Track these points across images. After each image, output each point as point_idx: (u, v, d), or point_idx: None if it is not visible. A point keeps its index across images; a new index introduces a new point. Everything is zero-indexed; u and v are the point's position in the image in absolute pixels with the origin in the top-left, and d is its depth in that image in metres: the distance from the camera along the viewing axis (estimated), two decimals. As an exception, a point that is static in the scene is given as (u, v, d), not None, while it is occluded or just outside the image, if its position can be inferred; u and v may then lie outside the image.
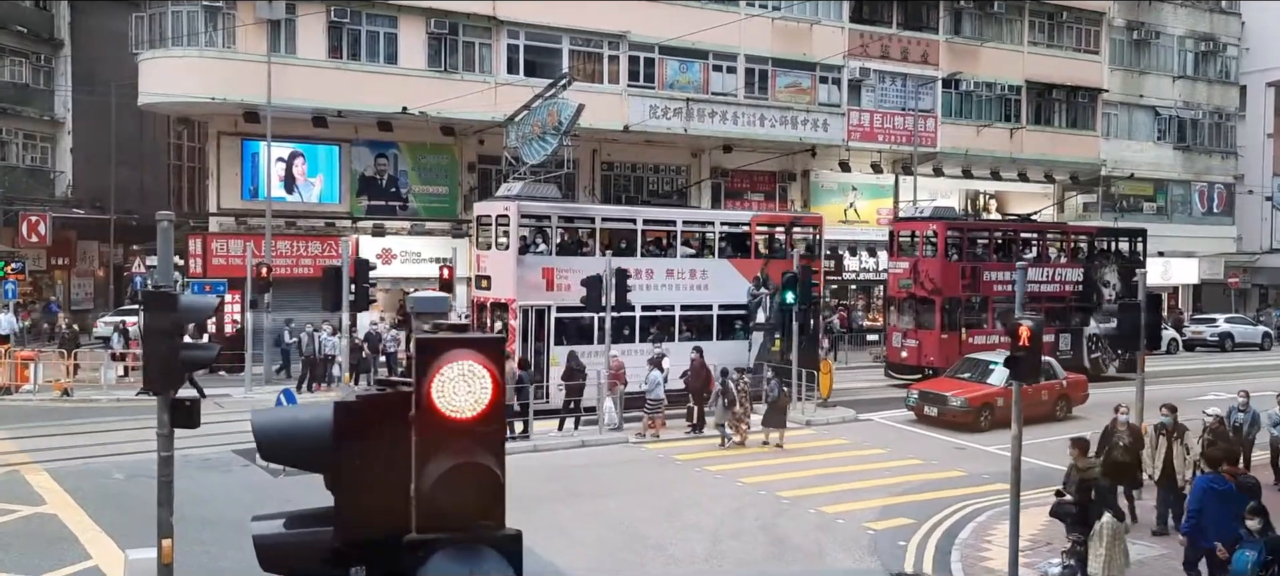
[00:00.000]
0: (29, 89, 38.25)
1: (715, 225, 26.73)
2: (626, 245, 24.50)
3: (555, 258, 23.32)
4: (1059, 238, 32.47)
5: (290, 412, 3.87)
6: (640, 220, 25.13)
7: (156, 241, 8.56)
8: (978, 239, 31.13)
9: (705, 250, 26.13)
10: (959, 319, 28.88)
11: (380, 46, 30.58)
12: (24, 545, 13.15)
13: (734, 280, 25.78)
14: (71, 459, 18.16)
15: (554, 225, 23.64)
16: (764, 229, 27.44)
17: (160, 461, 8.66)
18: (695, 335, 24.64)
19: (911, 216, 31.51)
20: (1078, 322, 31.17)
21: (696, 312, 25.12)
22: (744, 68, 35.03)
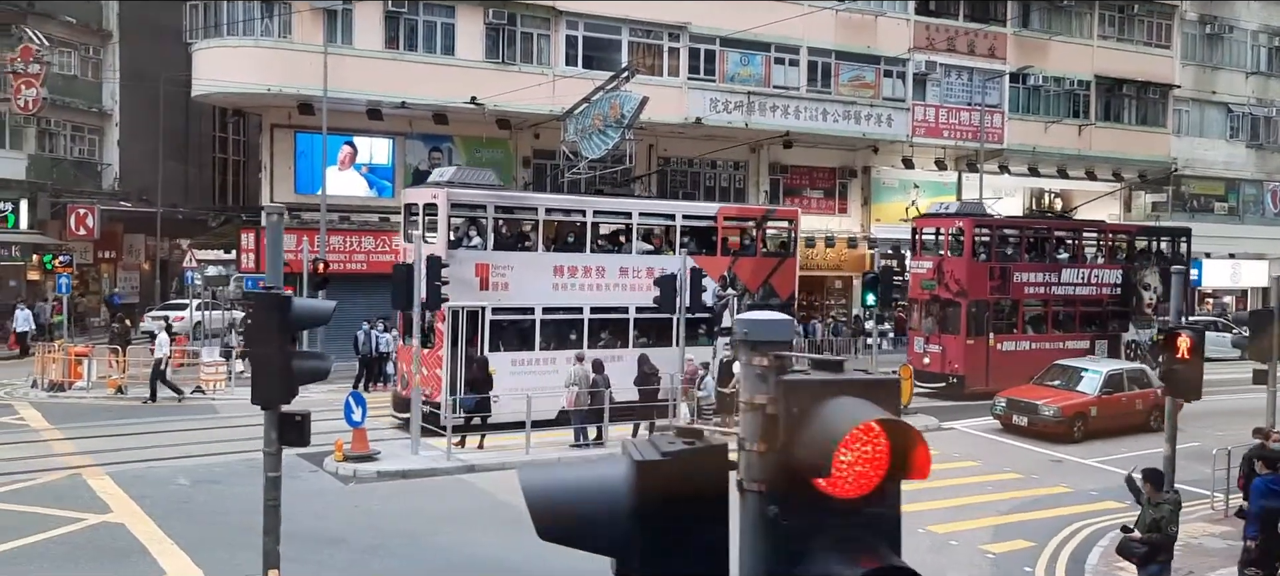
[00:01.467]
0: (77, 80, 37.80)
1: (677, 218, 23.55)
2: (575, 239, 21.92)
3: (491, 252, 20.54)
4: (1096, 237, 30.47)
5: (570, 475, 2.91)
6: (591, 211, 22.28)
7: (262, 236, 7.70)
8: (1008, 237, 28.85)
9: (666, 246, 23.40)
10: (986, 323, 26.89)
11: (437, 37, 29.78)
12: (94, 557, 12.40)
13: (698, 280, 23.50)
14: (132, 462, 17.44)
15: (490, 215, 20.76)
16: (733, 223, 24.74)
17: (267, 482, 7.82)
18: (652, 340, 22.06)
19: (936, 213, 29.33)
20: (1115, 328, 29.23)
21: (654, 316, 21.84)
22: (807, 61, 33.97)
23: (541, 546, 10.07)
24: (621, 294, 21.89)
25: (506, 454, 18.24)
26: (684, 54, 32.15)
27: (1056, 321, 28.08)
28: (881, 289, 22.09)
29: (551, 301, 20.96)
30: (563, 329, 21.30)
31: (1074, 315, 28.33)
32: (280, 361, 7.07)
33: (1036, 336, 27.54)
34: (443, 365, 19.58)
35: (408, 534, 13.73)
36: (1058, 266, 28.23)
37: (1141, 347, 29.11)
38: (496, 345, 20.40)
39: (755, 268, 23.61)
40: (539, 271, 20.58)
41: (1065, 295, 28.22)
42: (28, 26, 32.71)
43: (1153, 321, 29.32)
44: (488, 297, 20.19)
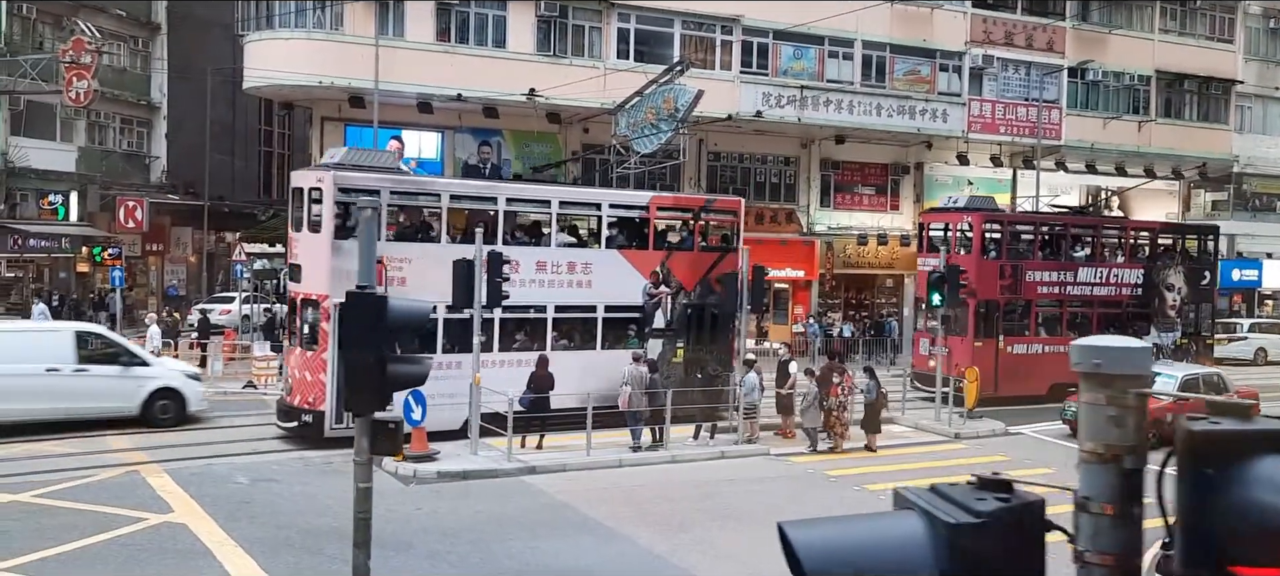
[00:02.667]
0: (126, 73, 37.88)
1: (603, 207, 21.22)
2: (486, 229, 19.14)
3: (387, 243, 18.33)
4: (1116, 234, 28.95)
5: (854, 534, 2.44)
6: (503, 199, 19.96)
7: (360, 235, 7.27)
8: (1021, 234, 27.44)
9: (591, 239, 21.50)
10: (996, 324, 25.47)
11: (489, 30, 29.43)
12: (158, 560, 12.11)
13: (627, 276, 20.86)
14: (189, 459, 17.20)
15: (385, 203, 18.64)
16: (667, 214, 22.64)
17: (358, 494, 7.40)
18: (575, 342, 20.56)
19: (944, 208, 27.92)
20: (1136, 330, 27.02)
21: (576, 315, 20.47)
22: (861, 54, 33.30)
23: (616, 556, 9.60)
24: (539, 291, 19.90)
25: (566, 454, 17.85)
26: (736, 47, 31.60)
27: (1072, 323, 26.52)
28: (948, 289, 21.40)
29: None
30: (470, 330, 18.46)
31: (1091, 317, 26.85)
32: (375, 366, 6.65)
33: (1050, 339, 25.99)
34: (326, 369, 17.56)
35: (475, 540, 13.35)
36: (1074, 265, 26.94)
37: (1165, 351, 27.46)
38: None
39: (693, 263, 21.48)
40: (442, 265, 17.96)
41: (1082, 295, 26.87)
42: (80, 19, 32.72)
43: (1176, 324, 28.13)
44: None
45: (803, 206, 34.93)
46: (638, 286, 20.89)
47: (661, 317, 20.99)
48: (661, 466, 17.98)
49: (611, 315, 20.63)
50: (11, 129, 32.48)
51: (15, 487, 14.78)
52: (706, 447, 19.13)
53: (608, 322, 20.56)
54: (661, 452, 18.40)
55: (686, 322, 21.25)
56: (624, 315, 20.85)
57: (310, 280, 18.63)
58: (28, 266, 34.93)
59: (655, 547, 13.32)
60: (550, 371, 19.08)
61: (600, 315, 20.46)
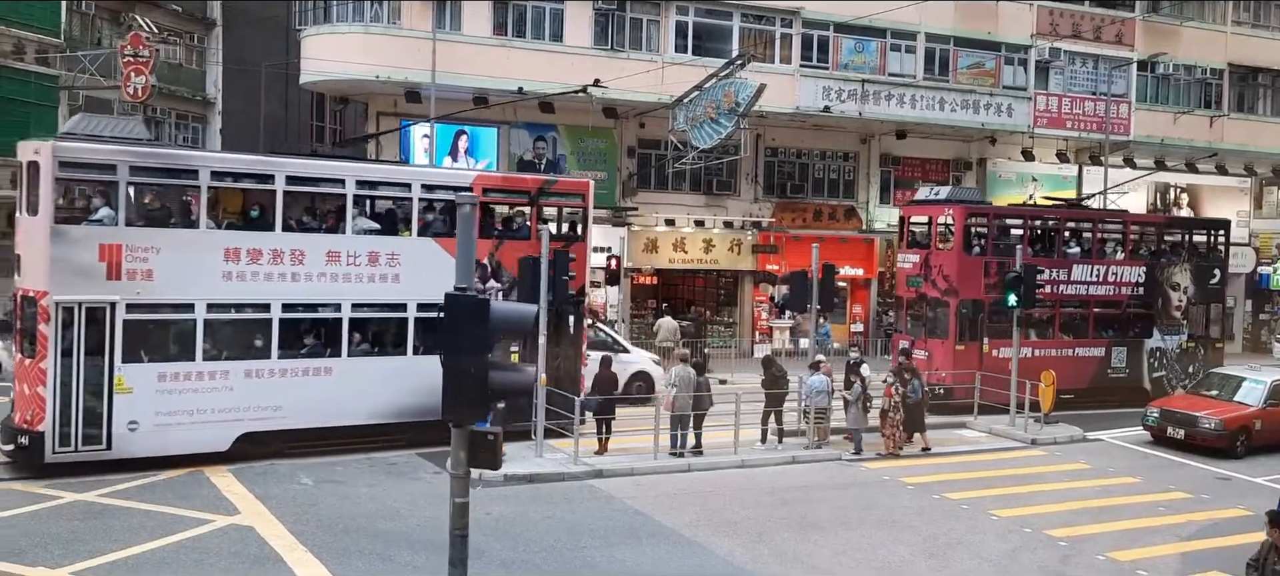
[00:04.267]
0: (182, 69, 37.99)
1: (414, 188, 18.11)
2: (262, 213, 16.91)
3: (126, 228, 15.43)
4: (1117, 229, 26.61)
5: None
6: (282, 177, 16.77)
7: (459, 229, 6.82)
8: (1009, 228, 25.35)
9: (400, 224, 18.25)
10: (980, 326, 23.52)
11: (546, 23, 29.02)
12: (228, 565, 11.81)
13: (446, 269, 18.36)
14: (253, 458, 16.91)
15: (124, 180, 15.44)
16: (497, 196, 19.44)
17: (455, 509, 6.98)
18: (383, 347, 17.75)
19: (925, 199, 25.78)
20: (1136, 333, 25.72)
21: (382, 314, 17.71)
22: (924, 48, 32.46)
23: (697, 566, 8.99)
24: (331, 286, 17.08)
25: (633, 459, 17.38)
26: (796, 41, 30.92)
27: (1066, 325, 24.88)
28: (1024, 288, 20.63)
29: (221, 295, 16.13)
30: (242, 332, 16.52)
31: (1087, 318, 25.08)
32: (476, 374, 6.21)
33: (1041, 342, 24.26)
34: (46, 380, 14.91)
35: (550, 547, 12.91)
36: (1067, 262, 24.92)
37: (1168, 356, 26.14)
38: (136, 354, 15.49)
39: (530, 254, 18.43)
40: (202, 255, 15.84)
41: (1077, 295, 24.86)
42: (138, 14, 32.82)
43: (1182, 326, 26.31)
44: (120, 289, 15.28)
45: (862, 203, 34.20)
46: None
47: None
48: (731, 471, 17.46)
49: (428, 314, 17.45)
50: (70, 124, 32.58)
51: (81, 487, 14.59)
52: (776, 452, 18.55)
53: (423, 323, 17.64)
54: (731, 457, 17.85)
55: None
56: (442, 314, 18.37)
57: (29, 274, 15.47)
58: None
59: (735, 557, 12.82)
60: (613, 372, 18.62)
61: (412, 314, 17.62)
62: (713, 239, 32.47)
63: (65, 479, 14.83)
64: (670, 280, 33.51)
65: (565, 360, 18.92)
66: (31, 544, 12.08)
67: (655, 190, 32.06)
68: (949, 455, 19.40)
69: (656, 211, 31.86)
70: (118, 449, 15.37)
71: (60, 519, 13.20)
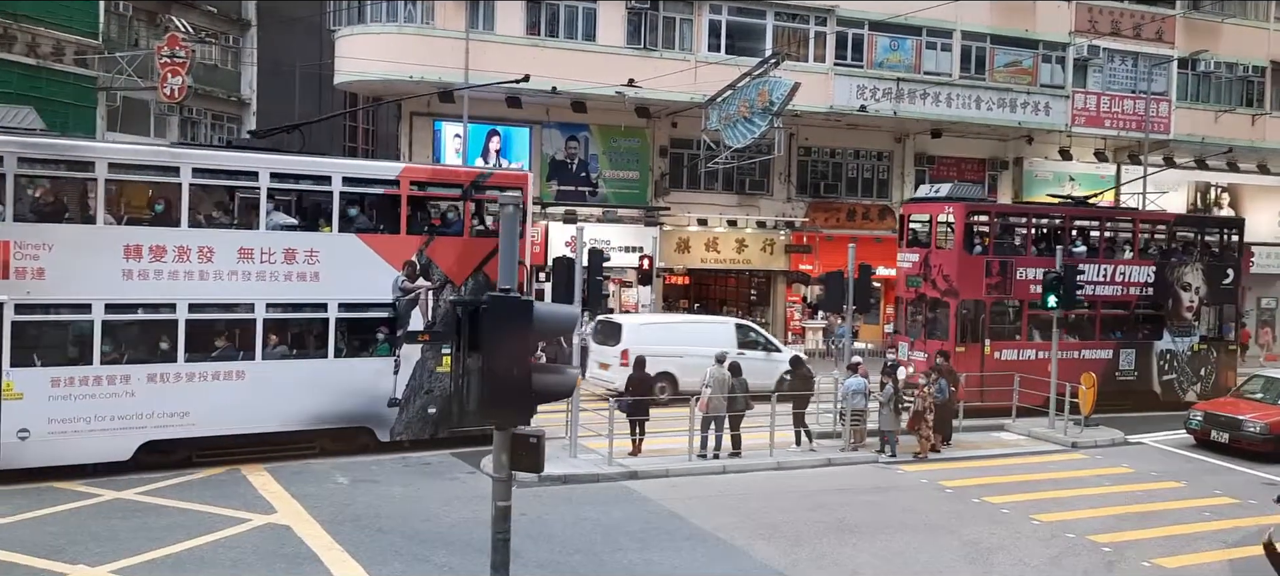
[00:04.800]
0: (218, 69, 38.29)
1: (335, 181, 16.90)
2: (167, 207, 15.99)
3: (16, 224, 14.65)
4: (1126, 227, 25.81)
5: None
6: (187, 169, 15.71)
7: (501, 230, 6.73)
8: (1012, 227, 24.74)
9: (321, 219, 17.19)
10: (981, 328, 22.86)
11: (578, 23, 28.99)
12: (266, 565, 11.80)
13: (371, 267, 17.05)
14: (287, 456, 16.97)
15: (11, 173, 14.58)
16: (424, 190, 18.13)
17: (496, 512, 6.86)
18: (302, 350, 16.82)
19: (924, 197, 25.05)
20: (1145, 335, 24.85)
21: (299, 315, 16.71)
22: (960, 45, 32.15)
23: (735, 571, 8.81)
24: (243, 284, 16.10)
25: (669, 460, 17.27)
26: (830, 39, 30.70)
27: (1071, 326, 23.75)
28: (1065, 289, 20.31)
29: (122, 295, 15.24)
30: (145, 334, 15.62)
31: (1094, 319, 24.23)
32: (520, 376, 6.12)
33: (1045, 344, 22.84)
34: None
35: (585, 549, 12.82)
36: (1073, 261, 23.27)
37: (1179, 359, 25.34)
38: (27, 358, 14.71)
39: (464, 251, 17.81)
40: (99, 252, 15.05)
41: (1083, 295, 23.25)
42: (174, 16, 33.10)
43: (1194, 327, 25.50)
44: (8, 289, 14.53)
45: (896, 203, 33.89)
46: (387, 279, 17.15)
47: (420, 318, 17.44)
48: (767, 474, 17.29)
49: (350, 315, 16.96)
50: (108, 125, 32.93)
51: (120, 484, 14.68)
52: (812, 455, 18.36)
53: (346, 325, 16.93)
54: (767, 459, 17.69)
55: (455, 323, 17.86)
56: (369, 315, 17.20)
57: None
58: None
59: (773, 562, 12.67)
60: (648, 373, 18.51)
61: (333, 315, 16.70)
62: (745, 238, 32.31)
63: (105, 476, 14.93)
64: (702, 280, 33.39)
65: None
66: (71, 542, 12.15)
67: (687, 190, 31.96)
68: (988, 458, 19.14)
69: (689, 211, 31.75)
70: (6, 458, 14.48)
71: (99, 517, 13.27)
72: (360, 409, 17.01)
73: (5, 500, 13.68)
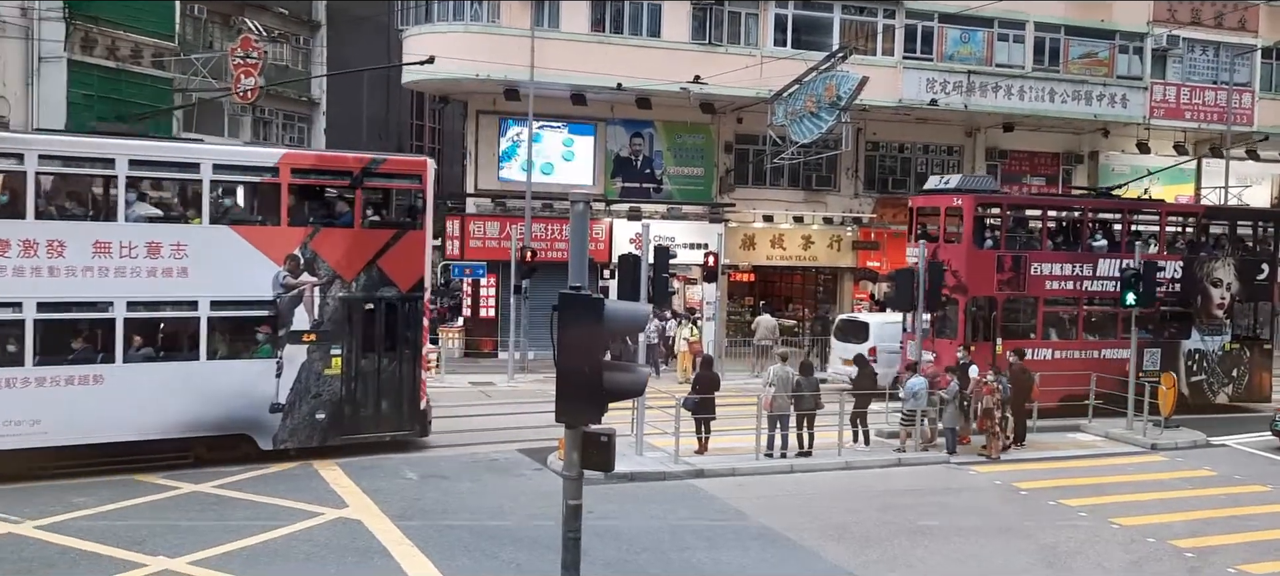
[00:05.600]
0: (289, 70, 38.99)
1: (204, 169, 15.63)
2: (13, 197, 14.86)
3: None
4: (1152, 219, 24.44)
5: None
6: (33, 156, 14.56)
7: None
8: (1026, 220, 23.66)
9: (189, 210, 16.00)
10: (994, 326, 21.68)
11: (643, 19, 28.95)
12: (338, 558, 11.95)
13: (248, 261, 15.79)
14: (359, 452, 17.22)
15: None
16: (307, 178, 16.81)
17: (567, 512, 6.82)
18: (171, 351, 15.62)
19: (933, 189, 23.88)
20: (1172, 334, 23.39)
21: (166, 314, 15.59)
22: (1033, 37, 31.45)
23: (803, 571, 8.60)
24: (101, 282, 14.89)
25: (735, 459, 17.14)
26: (899, 32, 30.23)
27: (1091, 325, 22.84)
28: (1144, 287, 19.73)
29: None
30: (72, 331, 15.01)
31: (1116, 317, 22.61)
32: (590, 374, 6.09)
33: (1063, 343, 22.35)
34: None
35: (653, 548, 12.77)
36: (1093, 256, 22.81)
37: (1209, 359, 23.89)
38: None
39: (355, 244, 16.54)
40: None
41: (1103, 292, 22.67)
42: (247, 17, 33.77)
43: (1225, 326, 24.04)
44: None
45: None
46: (267, 274, 15.92)
47: (305, 316, 16.20)
48: (835, 473, 17.08)
49: (225, 313, 15.78)
50: (184, 126, 33.73)
51: (199, 477, 15.00)
52: (882, 454, 18.08)
53: (220, 324, 15.79)
54: (835, 458, 17.47)
55: (345, 321, 16.50)
56: (246, 313, 15.99)
57: None
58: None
59: (843, 563, 12.48)
60: (714, 372, 18.39)
61: (205, 313, 15.51)
62: (811, 235, 32.01)
63: (184, 470, 15.27)
64: (768, 277, 33.17)
65: (402, 363, 16.96)
66: (151, 533, 12.43)
67: (753, 186, 31.77)
68: (1063, 460, 18.70)
69: (754, 208, 31.55)
70: None
71: (178, 509, 13.57)
72: (239, 414, 15.79)
73: (89, 492, 14.06)
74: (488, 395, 23.89)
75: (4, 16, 26.91)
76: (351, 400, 16.60)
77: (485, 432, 19.32)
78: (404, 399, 17.07)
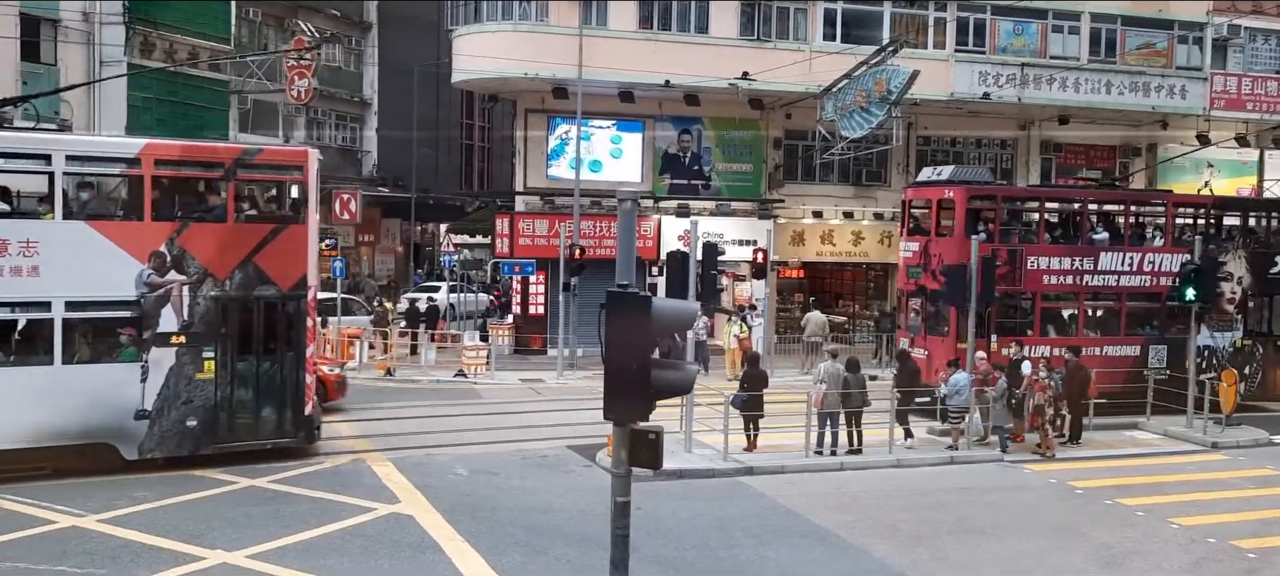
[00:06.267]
0: (341, 71, 39.56)
1: (55, 160, 14.48)
2: None
3: None
4: (1158, 211, 23.31)
5: None
6: None
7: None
8: (1022, 212, 22.84)
9: (45, 204, 15.00)
10: (988, 323, 20.59)
11: (691, 16, 28.91)
12: (391, 553, 12.10)
13: (108, 259, 14.69)
14: (410, 448, 17.45)
15: None
16: (173, 170, 15.80)
17: (615, 508, 6.86)
18: (22, 356, 14.64)
19: (927, 181, 22.94)
20: (1181, 330, 21.67)
21: (13, 315, 14.60)
22: (1089, 28, 30.87)
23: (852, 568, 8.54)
24: None
25: (784, 457, 17.07)
26: (951, 25, 29.87)
27: (1093, 321, 21.98)
28: (1206, 282, 19.27)
29: None
30: None
31: (1119, 313, 21.90)
32: (638, 371, 6.11)
33: (1062, 340, 21.21)
34: None
35: (701, 545, 12.77)
36: (1094, 250, 21.84)
37: (1218, 356, 22.53)
38: None
39: (228, 240, 15.43)
40: None
41: (1106, 287, 21.80)
42: (300, 19, 34.29)
43: (1236, 321, 22.81)
44: None
45: (1020, 193, 32.83)
46: (130, 272, 14.81)
47: (173, 317, 15.11)
48: (886, 471, 16.95)
49: (83, 315, 14.74)
50: (240, 127, 34.37)
51: (255, 472, 15.28)
52: (933, 452, 17.89)
53: (77, 326, 14.73)
54: (886, 456, 17.33)
55: (219, 322, 15.42)
56: (108, 315, 14.89)
57: None
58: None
59: (892, 561, 12.38)
60: (762, 369, 18.32)
61: (59, 315, 14.45)
62: (862, 231, 31.75)
63: (241, 465, 15.57)
64: (818, 273, 32.98)
65: (284, 367, 15.95)
66: (209, 527, 12.69)
67: (802, 182, 31.60)
68: (1120, 458, 18.36)
69: (803, 203, 31.38)
70: None
71: (235, 504, 13.83)
72: (100, 422, 14.75)
73: (150, 486, 14.38)
74: (537, 392, 24.03)
75: (67, 22, 27.60)
76: (227, 406, 15.53)
77: (534, 429, 19.43)
78: (287, 405, 15.96)
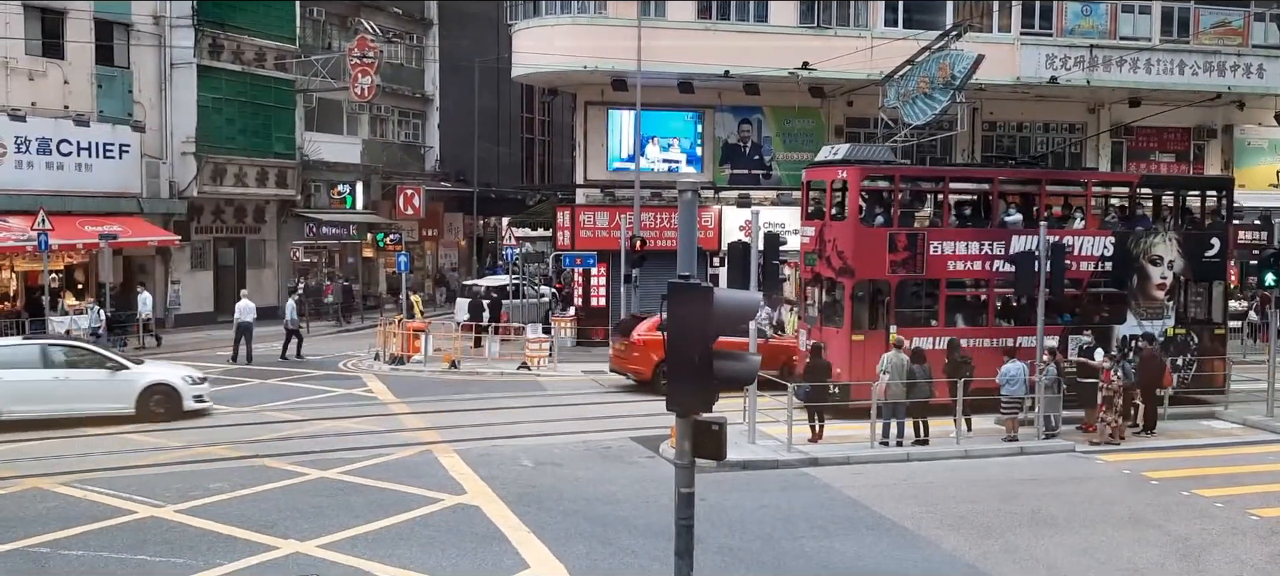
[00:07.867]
0: (403, 68, 40.06)
1: None
2: None
3: None
4: (1078, 189, 22.03)
5: None
6: None
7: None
8: (923, 192, 21.54)
9: None
10: (885, 312, 19.45)
11: (750, 5, 28.76)
12: (458, 542, 12.25)
13: None
14: (476, 439, 17.64)
15: None
16: None
17: (679, 499, 6.85)
18: None
19: (824, 160, 21.27)
20: (1103, 319, 20.73)
21: None
22: (1160, 8, 30.08)
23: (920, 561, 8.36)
24: None
25: (850, 447, 16.93)
26: (1016, 7, 29.32)
27: (1004, 310, 20.53)
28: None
29: None
30: None
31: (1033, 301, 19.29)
32: (700, 363, 6.10)
33: (970, 330, 19.78)
34: None
35: (765, 536, 12.72)
36: (1005, 233, 20.17)
37: (1151, 344, 19.94)
38: None
39: None
40: None
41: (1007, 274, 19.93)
42: (363, 18, 34.80)
43: (1167, 309, 21.21)
44: None
45: (1089, 177, 32.10)
46: None
47: None
48: (953, 462, 16.71)
49: None
50: (306, 125, 35.02)
51: (325, 464, 15.58)
52: (1003, 443, 17.60)
53: None
54: (953, 447, 17.09)
55: None
56: None
57: None
58: (321, 252, 37.70)
59: (962, 553, 12.20)
60: (826, 360, 18.17)
61: None
62: (926, 218, 31.26)
63: (311, 457, 15.88)
64: (881, 262, 32.52)
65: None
66: (282, 517, 12.96)
67: (864, 170, 31.19)
68: (1196, 448, 17.89)
69: (866, 192, 30.99)
70: None
71: (307, 494, 14.12)
72: None
73: (226, 476, 14.76)
74: (599, 383, 24.14)
75: (138, 25, 28.33)
76: None
77: (597, 420, 19.53)
78: None
